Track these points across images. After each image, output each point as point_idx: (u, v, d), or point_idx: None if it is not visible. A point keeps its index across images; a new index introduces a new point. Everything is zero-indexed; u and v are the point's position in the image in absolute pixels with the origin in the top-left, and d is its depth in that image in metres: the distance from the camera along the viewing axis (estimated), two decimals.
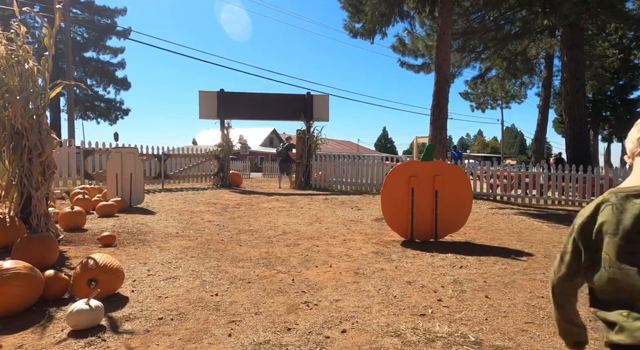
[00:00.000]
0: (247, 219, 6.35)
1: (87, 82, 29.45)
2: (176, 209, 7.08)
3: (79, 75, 28.89)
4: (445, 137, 11.22)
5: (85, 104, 29.43)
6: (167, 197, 8.67)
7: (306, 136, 12.32)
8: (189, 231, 5.16)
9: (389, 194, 4.50)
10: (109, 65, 29.04)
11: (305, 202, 8.68)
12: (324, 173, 12.16)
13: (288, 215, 6.87)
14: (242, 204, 8.13)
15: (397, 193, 4.49)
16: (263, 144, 47.71)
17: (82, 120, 30.08)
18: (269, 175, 25.41)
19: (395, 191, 4.49)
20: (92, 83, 29.52)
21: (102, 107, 29.79)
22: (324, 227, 5.72)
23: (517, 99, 32.17)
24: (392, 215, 4.54)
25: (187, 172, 11.36)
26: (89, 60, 28.32)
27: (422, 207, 4.48)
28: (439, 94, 10.99)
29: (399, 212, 4.51)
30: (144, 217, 5.97)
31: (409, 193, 4.47)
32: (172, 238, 4.69)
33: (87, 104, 29.52)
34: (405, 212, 4.49)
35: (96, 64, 28.51)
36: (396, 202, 4.50)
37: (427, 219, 4.50)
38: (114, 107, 30.06)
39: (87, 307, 2.12)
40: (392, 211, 4.53)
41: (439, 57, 11.19)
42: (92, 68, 28.54)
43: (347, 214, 7.07)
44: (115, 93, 29.79)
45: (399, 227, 4.58)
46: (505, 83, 24.99)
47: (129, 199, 7.00)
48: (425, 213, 4.49)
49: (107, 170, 7.08)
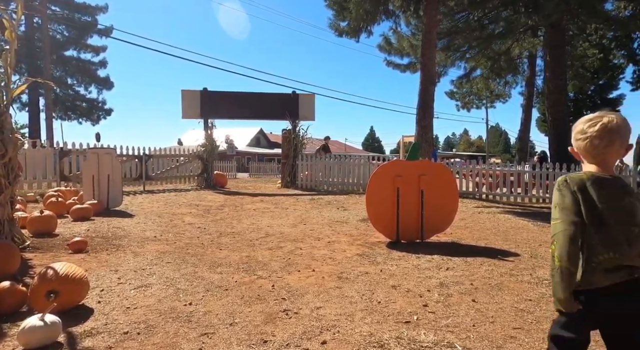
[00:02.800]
0: (229, 221, 6.16)
1: (67, 82, 28.72)
2: (156, 211, 6.84)
3: (59, 75, 28.10)
4: (431, 136, 11.21)
5: (66, 104, 28.65)
6: (148, 199, 8.41)
7: (292, 136, 12.15)
8: (167, 235, 4.95)
9: (374, 194, 4.39)
10: (90, 64, 28.29)
11: (290, 203, 8.52)
12: (310, 173, 12.02)
13: (272, 216, 6.71)
14: (225, 206, 7.93)
15: (382, 193, 4.37)
16: (250, 144, 47.30)
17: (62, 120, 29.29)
18: (256, 175, 25.13)
19: (381, 191, 4.37)
20: (73, 82, 28.79)
21: (83, 107, 29.03)
22: (309, 229, 5.57)
23: (501, 98, 32.57)
24: (378, 215, 4.43)
25: (170, 173, 11.08)
26: (69, 58, 27.56)
27: (408, 207, 4.38)
28: (425, 93, 10.95)
29: (384, 213, 4.40)
30: (121, 220, 5.72)
31: (394, 193, 4.36)
32: (148, 242, 4.48)
33: (67, 104, 28.74)
34: (391, 212, 4.38)
35: (77, 63, 27.76)
36: (381, 203, 4.38)
37: (412, 219, 4.40)
38: (96, 107, 29.34)
39: (41, 323, 1.93)
40: (377, 212, 4.42)
41: (425, 55, 11.16)
42: (73, 67, 27.78)
43: (333, 214, 6.94)
44: (97, 93, 29.09)
45: (384, 228, 4.47)
46: (489, 82, 25.23)
47: (106, 202, 6.74)
48: (410, 213, 4.39)
49: (83, 172, 6.80)
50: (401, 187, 4.33)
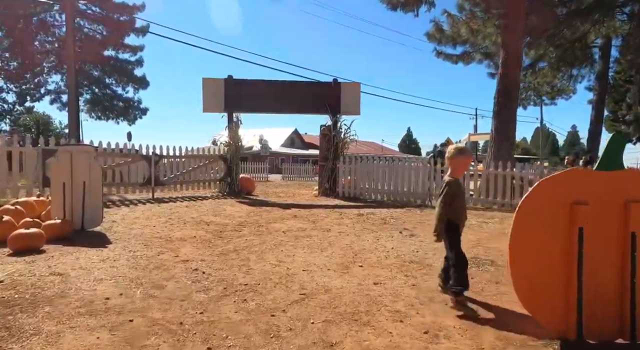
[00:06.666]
0: (246, 256, 4.06)
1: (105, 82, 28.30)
2: (148, 234, 4.87)
3: (97, 75, 27.74)
4: (513, 134, 8.65)
5: (104, 104, 28.27)
6: (150, 211, 6.52)
7: (332, 133, 9.98)
8: (132, 291, 2.90)
9: (527, 241, 2.10)
10: (127, 63, 27.67)
11: (333, 220, 6.35)
12: (353, 178, 9.79)
13: (310, 246, 4.55)
14: (246, 223, 5.87)
15: (542, 238, 2.09)
16: (284, 144, 45.64)
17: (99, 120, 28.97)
18: (289, 178, 23.17)
19: (540, 234, 2.09)
20: (111, 82, 28.38)
21: (120, 107, 28.58)
22: (371, 280, 3.35)
23: (564, 94, 28.93)
24: (532, 286, 2.13)
25: (185, 177, 9.23)
26: (107, 58, 27.00)
27: (602, 269, 2.07)
28: (506, 78, 8.43)
29: (545, 280, 2.10)
30: (80, 256, 3.76)
31: (570, 239, 2.06)
32: (84, 318, 2.43)
33: (106, 104, 28.37)
34: (562, 279, 2.08)
35: (115, 62, 27.18)
36: (541, 259, 2.10)
37: (611, 296, 2.08)
38: (132, 106, 28.80)
39: None
40: (532, 278, 2.12)
41: (508, 30, 8.63)
42: (111, 67, 27.24)
43: (400, 245, 4.68)
44: (134, 92, 28.55)
45: (545, 311, 2.16)
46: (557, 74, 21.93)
47: (80, 219, 4.85)
48: (607, 283, 2.08)
49: (52, 177, 4.96)
50: (587, 226, 2.03)
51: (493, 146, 8.33)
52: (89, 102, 28.27)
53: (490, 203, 8.18)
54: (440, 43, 16.14)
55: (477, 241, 4.96)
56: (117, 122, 29.05)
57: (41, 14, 25.51)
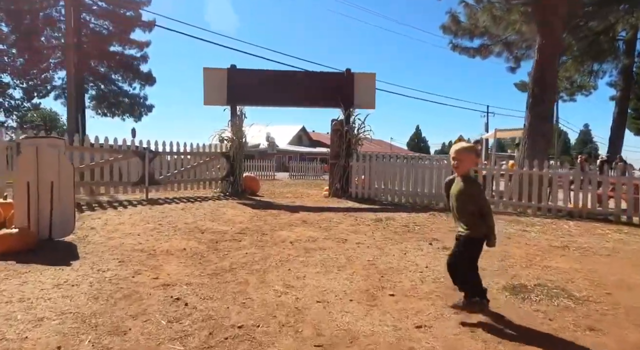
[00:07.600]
0: (244, 276, 3.21)
1: (111, 78, 27.69)
2: (128, 245, 4.04)
3: (103, 71, 27.14)
4: (549, 130, 7.71)
5: (110, 101, 27.71)
6: (140, 215, 5.70)
7: (344, 128, 9.09)
8: (78, 343, 2.06)
9: None
10: (133, 59, 27.02)
11: (347, 227, 5.47)
12: (367, 178, 8.90)
13: (323, 263, 3.68)
14: (248, 231, 5.01)
15: None
16: (291, 142, 44.76)
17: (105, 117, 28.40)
18: (296, 176, 22.31)
19: None
20: (117, 78, 27.78)
21: (126, 104, 27.99)
22: (410, 319, 2.47)
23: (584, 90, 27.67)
24: None
25: (183, 176, 8.42)
26: (113, 54, 26.36)
27: None
28: (544, 66, 7.46)
29: None
30: (29, 279, 2.93)
31: None
32: None
33: (112, 101, 27.80)
34: None
35: (120, 58, 26.53)
36: None
37: None
38: (138, 103, 28.19)
39: None
40: None
41: (545, 10, 7.63)
42: (117, 62, 26.61)
43: (434, 261, 3.79)
44: (140, 88, 27.96)
45: None
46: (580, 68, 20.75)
47: (47, 227, 4.04)
48: None
49: (15, 176, 4.15)
50: None
51: (527, 143, 7.39)
52: (95, 99, 27.70)
53: (523, 206, 7.23)
54: (456, 35, 15.14)
55: (527, 258, 4.04)
56: (122, 119, 28.50)
57: (47, 9, 24.99)
